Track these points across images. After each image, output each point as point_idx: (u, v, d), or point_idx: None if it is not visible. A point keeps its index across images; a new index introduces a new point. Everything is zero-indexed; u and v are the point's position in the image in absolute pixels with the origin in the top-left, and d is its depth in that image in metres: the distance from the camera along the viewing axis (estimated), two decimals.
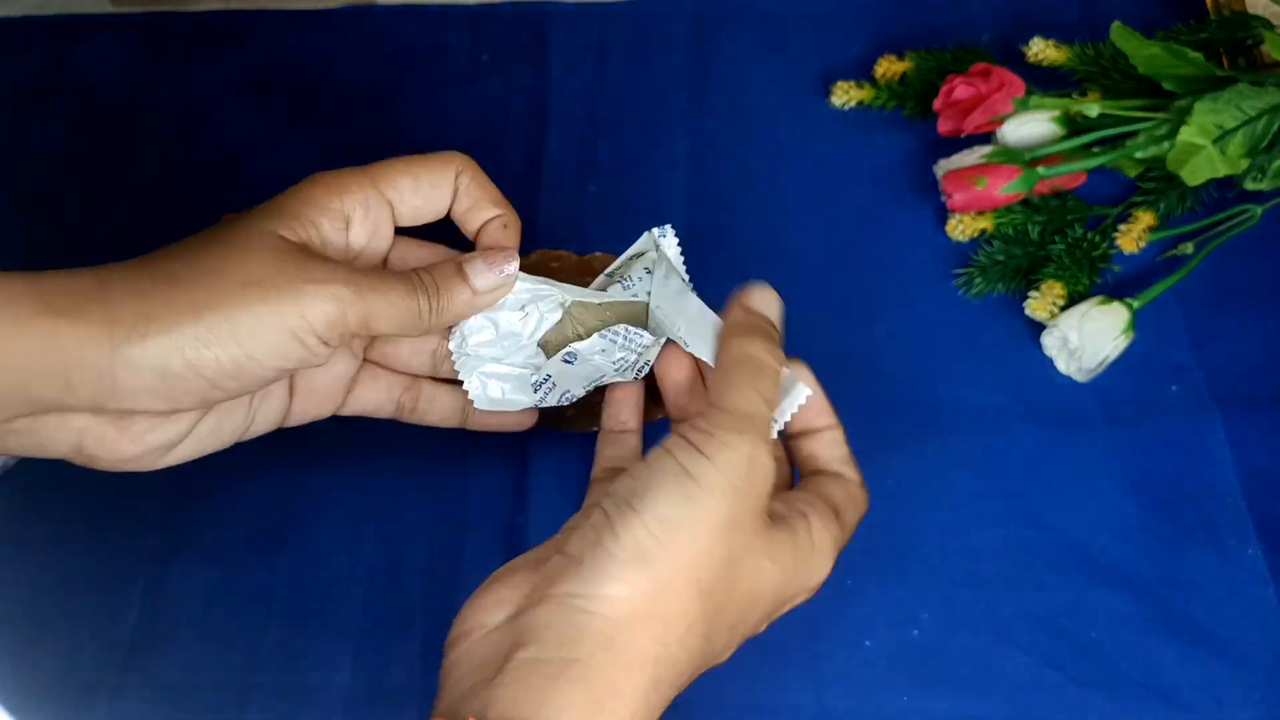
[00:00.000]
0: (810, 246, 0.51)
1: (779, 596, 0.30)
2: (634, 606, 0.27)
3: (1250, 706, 0.39)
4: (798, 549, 0.30)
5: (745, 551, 0.29)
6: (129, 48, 0.58)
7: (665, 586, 0.27)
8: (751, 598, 0.29)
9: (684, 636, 0.28)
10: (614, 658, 0.26)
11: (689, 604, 0.27)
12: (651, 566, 0.27)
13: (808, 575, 0.31)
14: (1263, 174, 0.48)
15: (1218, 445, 0.45)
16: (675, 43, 0.57)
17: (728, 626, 0.29)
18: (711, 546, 0.28)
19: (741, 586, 0.29)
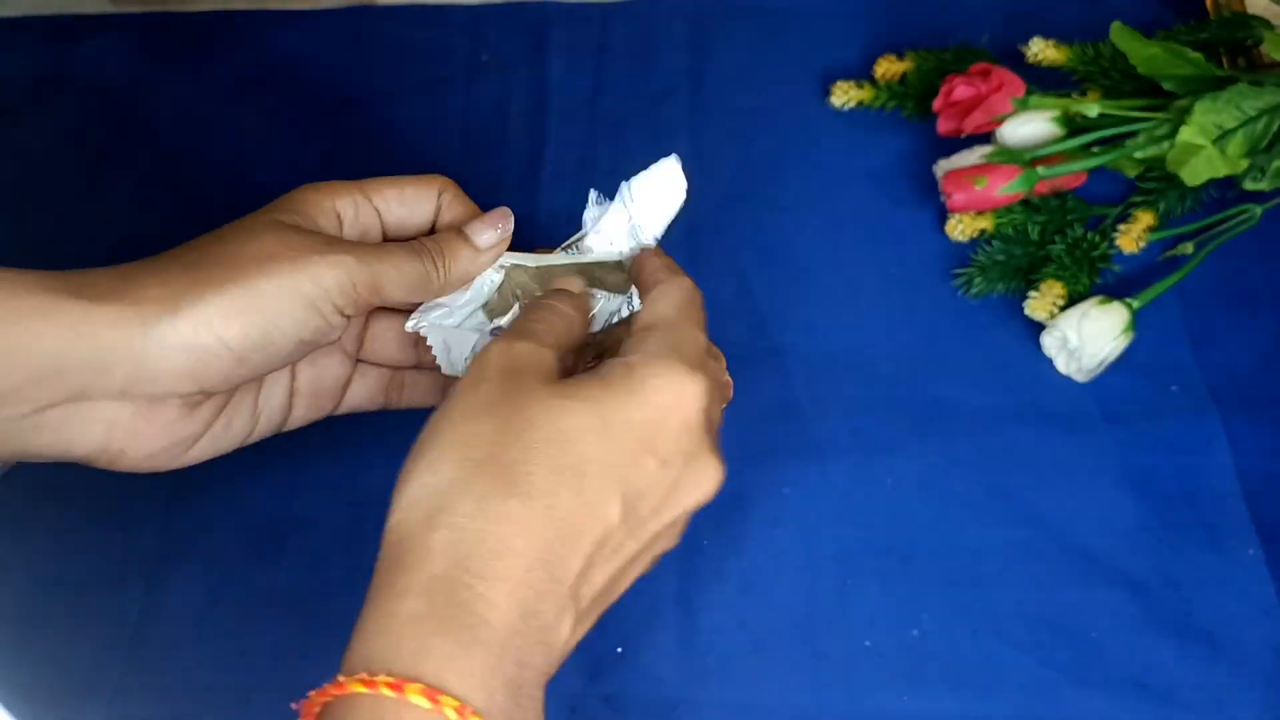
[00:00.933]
0: (810, 246, 0.51)
1: (620, 421, 0.28)
2: (413, 512, 0.27)
3: (1249, 706, 0.39)
4: (603, 376, 0.29)
5: (518, 408, 0.28)
6: (129, 48, 0.58)
7: (431, 479, 0.27)
8: (559, 435, 0.27)
9: (479, 507, 0.26)
10: (401, 563, 0.26)
11: (466, 479, 0.27)
12: (412, 474, 0.27)
13: (644, 390, 0.29)
14: (1262, 174, 0.48)
15: (1217, 445, 0.45)
16: (675, 42, 0.57)
17: (553, 472, 0.27)
18: (467, 424, 0.28)
19: (534, 434, 0.27)
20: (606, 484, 0.28)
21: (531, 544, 0.26)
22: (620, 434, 0.28)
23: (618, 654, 0.41)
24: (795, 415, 0.46)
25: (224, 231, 0.33)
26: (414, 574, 0.26)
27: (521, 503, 0.27)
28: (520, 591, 0.26)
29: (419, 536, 0.26)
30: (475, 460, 0.27)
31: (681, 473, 0.30)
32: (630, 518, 0.28)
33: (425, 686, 0.24)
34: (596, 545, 0.28)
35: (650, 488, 0.29)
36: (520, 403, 0.28)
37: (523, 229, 0.52)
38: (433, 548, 0.26)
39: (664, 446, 0.29)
